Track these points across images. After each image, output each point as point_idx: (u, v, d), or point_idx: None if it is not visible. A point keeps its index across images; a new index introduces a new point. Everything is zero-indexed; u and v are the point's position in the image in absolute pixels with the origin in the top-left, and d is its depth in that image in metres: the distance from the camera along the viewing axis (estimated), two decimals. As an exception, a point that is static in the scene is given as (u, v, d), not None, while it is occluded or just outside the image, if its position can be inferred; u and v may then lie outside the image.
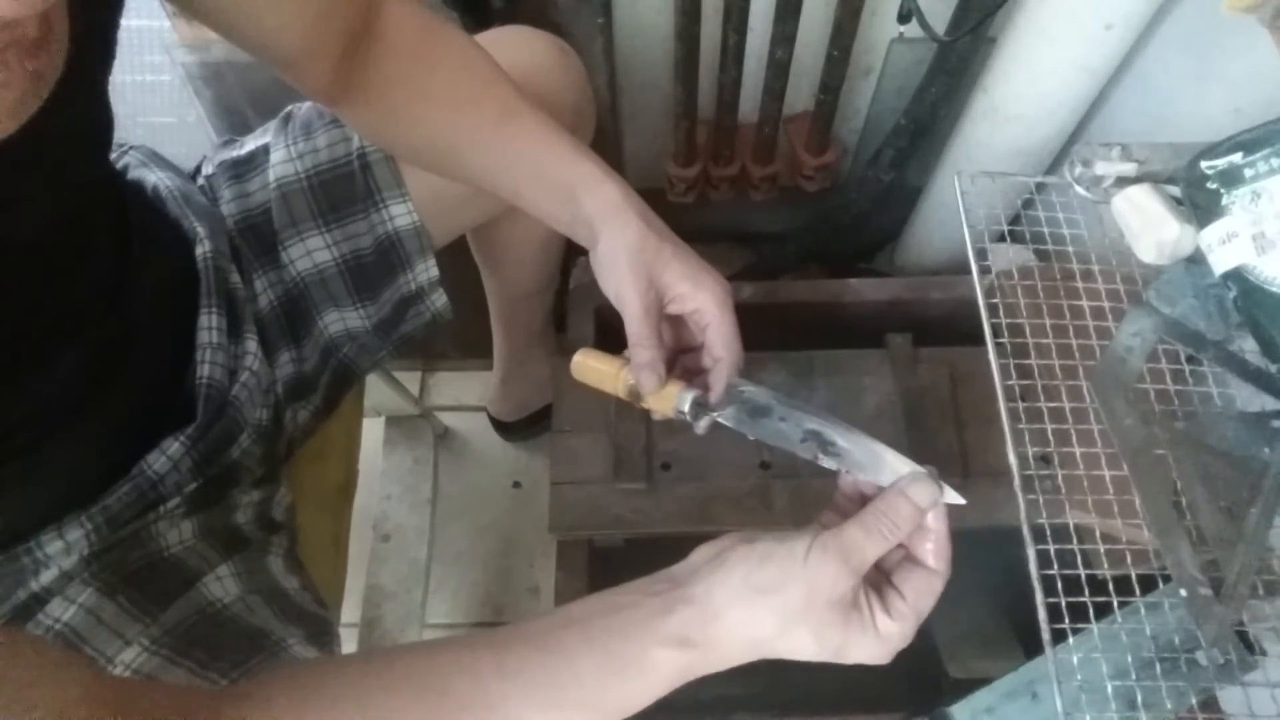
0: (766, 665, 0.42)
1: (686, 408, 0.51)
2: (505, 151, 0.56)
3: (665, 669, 0.40)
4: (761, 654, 0.41)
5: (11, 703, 0.31)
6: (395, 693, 0.41)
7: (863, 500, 0.45)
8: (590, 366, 0.55)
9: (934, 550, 0.43)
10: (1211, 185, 0.51)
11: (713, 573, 0.41)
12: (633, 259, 0.51)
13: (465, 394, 1.30)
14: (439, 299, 0.74)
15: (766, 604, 0.40)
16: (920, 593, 0.42)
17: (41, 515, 0.52)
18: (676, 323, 0.54)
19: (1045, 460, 0.56)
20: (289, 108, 0.70)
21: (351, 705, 0.40)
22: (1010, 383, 0.54)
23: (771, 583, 0.40)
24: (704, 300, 0.52)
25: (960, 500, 0.44)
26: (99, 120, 0.48)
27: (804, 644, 0.40)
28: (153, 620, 0.54)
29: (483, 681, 0.41)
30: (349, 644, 1.01)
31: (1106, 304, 0.58)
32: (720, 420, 0.52)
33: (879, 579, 0.43)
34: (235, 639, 0.55)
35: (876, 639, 0.40)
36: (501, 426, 1.23)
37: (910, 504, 0.42)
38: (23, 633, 0.36)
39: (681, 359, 0.55)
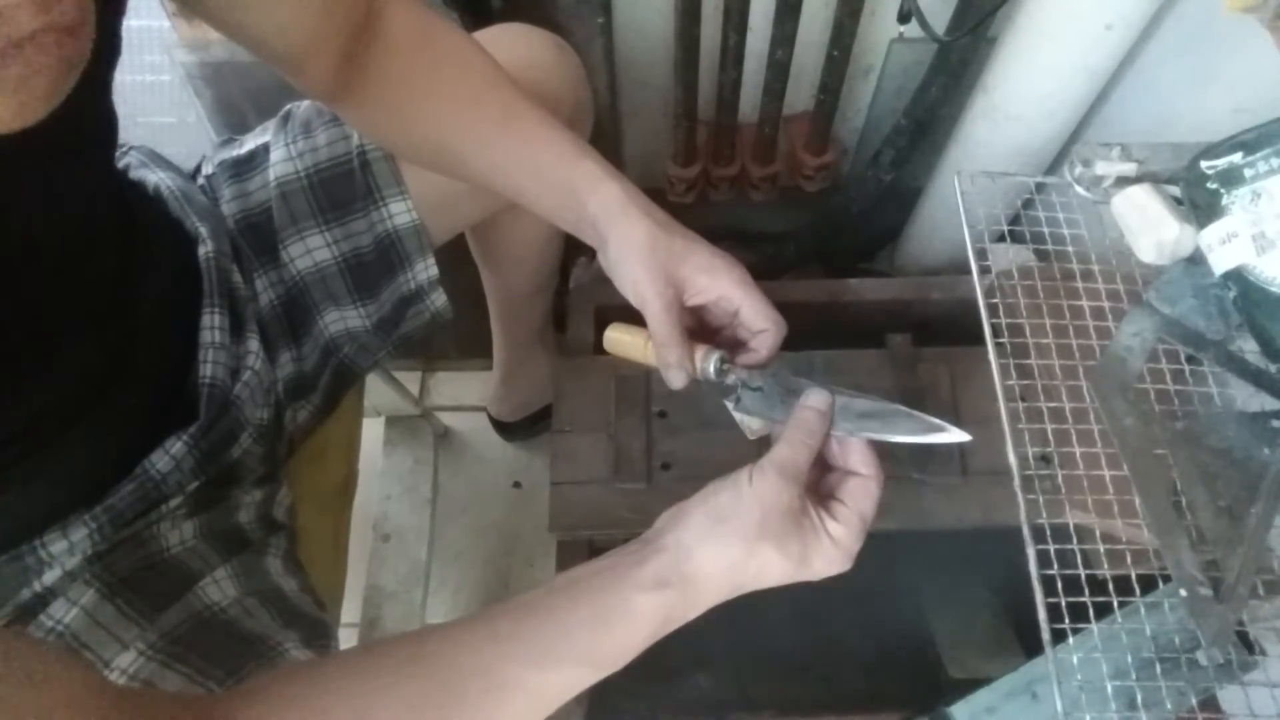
0: (768, 665, 0.43)
1: (713, 370, 0.52)
2: (506, 150, 0.56)
3: (648, 612, 0.43)
4: (737, 583, 0.45)
5: (13, 706, 0.31)
6: (394, 671, 0.42)
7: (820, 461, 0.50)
8: (624, 340, 0.56)
9: (860, 460, 0.48)
10: (1211, 185, 0.51)
11: (676, 523, 0.46)
12: (646, 259, 0.51)
13: (465, 394, 1.30)
14: (438, 298, 0.74)
15: (728, 529, 0.44)
16: (859, 496, 0.47)
17: (46, 515, 0.52)
18: (701, 310, 0.55)
19: (1045, 460, 0.56)
20: (288, 106, 0.70)
21: (354, 690, 0.41)
22: (1010, 383, 0.54)
23: (727, 510, 0.45)
24: (725, 287, 0.52)
25: (965, 436, 0.48)
26: (106, 120, 0.48)
27: (770, 559, 0.44)
28: (150, 624, 0.54)
29: (476, 649, 0.43)
30: (349, 644, 1.01)
31: (1106, 304, 0.58)
32: (745, 381, 0.52)
33: (825, 500, 0.47)
34: (231, 644, 0.55)
35: (831, 543, 0.45)
36: (501, 426, 1.23)
37: (811, 410, 0.48)
38: (24, 636, 0.36)
39: (715, 339, 0.55)
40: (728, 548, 0.44)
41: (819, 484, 0.49)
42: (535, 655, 0.43)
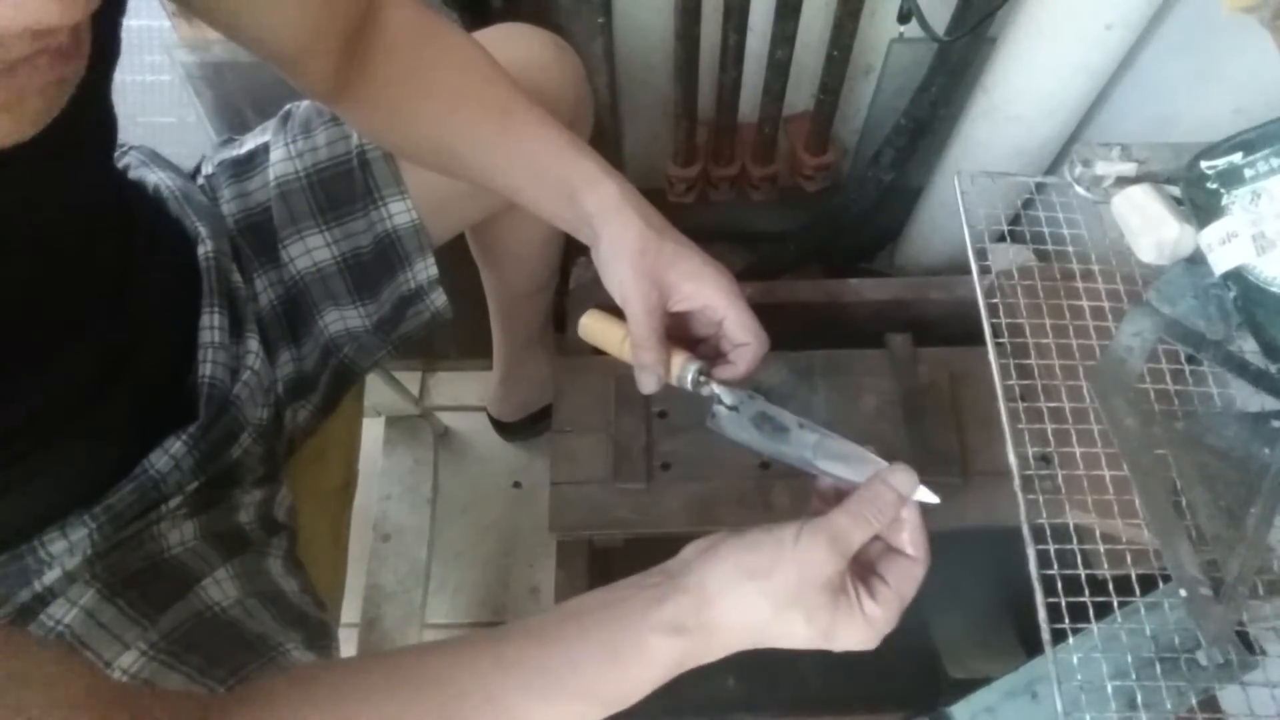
0: (768, 665, 0.43)
1: (689, 380, 0.52)
2: (505, 149, 0.56)
3: (661, 656, 0.41)
4: (756, 639, 0.42)
5: (13, 706, 0.31)
6: (395, 689, 0.41)
7: (838, 498, 0.47)
8: (597, 329, 0.56)
9: (910, 540, 0.45)
10: (1211, 185, 0.51)
11: (705, 563, 0.43)
12: (634, 261, 0.51)
13: (465, 394, 1.30)
14: (438, 298, 0.74)
15: (759, 587, 0.41)
16: (902, 578, 0.44)
17: (45, 515, 0.52)
18: (686, 316, 0.54)
19: (1045, 460, 0.56)
20: (288, 106, 0.70)
21: (352, 703, 0.41)
22: (1010, 383, 0.54)
23: (762, 567, 0.42)
24: (710, 296, 0.52)
25: (934, 499, 0.46)
26: (105, 122, 0.48)
27: (795, 627, 0.41)
28: (151, 624, 0.54)
29: (481, 674, 0.41)
30: (349, 644, 1.01)
31: (1106, 304, 0.58)
32: (720, 397, 0.52)
33: (862, 570, 0.44)
34: (232, 644, 0.55)
35: (864, 622, 0.42)
36: (501, 426, 1.23)
37: (893, 491, 0.44)
38: (24, 635, 0.36)
39: (699, 347, 0.55)
40: (754, 607, 0.41)
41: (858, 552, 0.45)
42: (542, 687, 0.41)
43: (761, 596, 0.41)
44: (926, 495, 0.45)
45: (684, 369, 0.52)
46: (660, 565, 0.45)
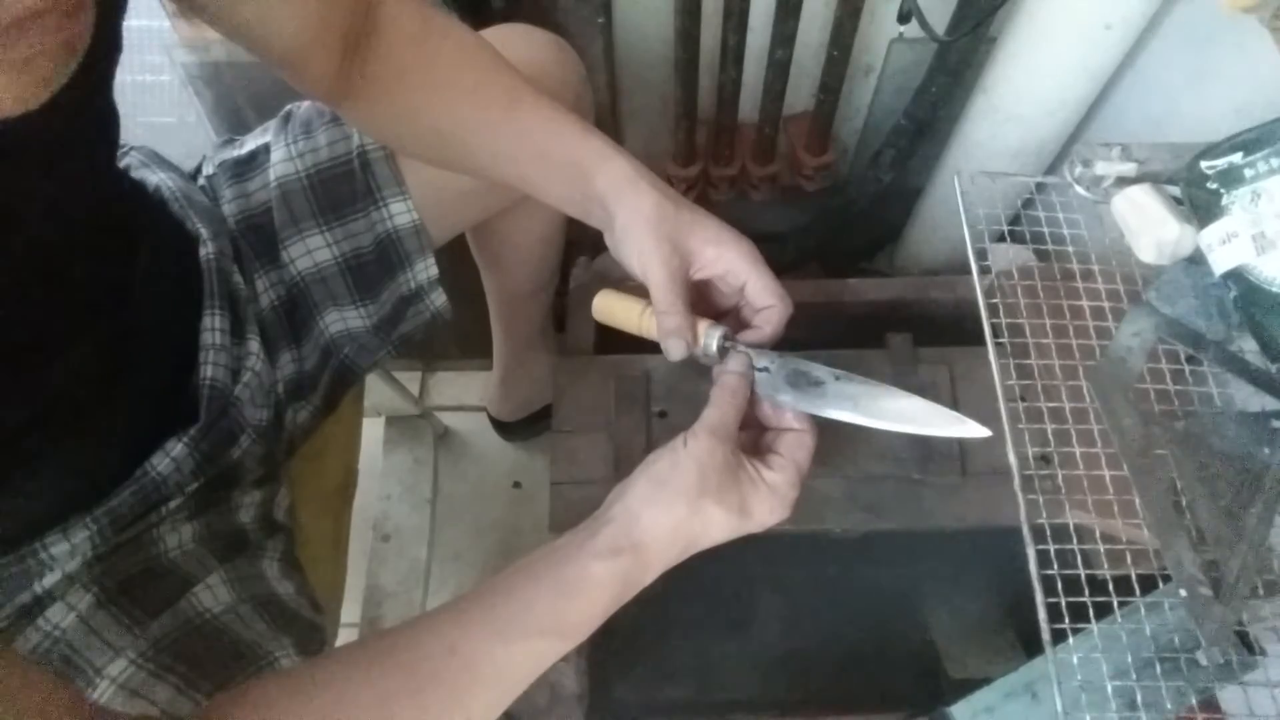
0: (768, 666, 0.43)
1: (714, 345, 0.53)
2: (511, 136, 0.56)
3: (605, 579, 0.45)
4: (686, 543, 0.47)
5: None
6: (363, 665, 0.43)
7: (760, 428, 0.53)
8: (614, 305, 0.56)
9: (793, 417, 0.52)
10: (1211, 185, 0.51)
11: (622, 493, 0.49)
12: (653, 228, 0.51)
13: (465, 394, 1.30)
14: (438, 298, 0.74)
15: (670, 491, 0.47)
16: (794, 447, 0.50)
17: (47, 517, 0.52)
18: (706, 286, 0.54)
19: (1045, 460, 0.56)
20: (289, 106, 0.70)
21: (326, 687, 0.42)
22: (1010, 383, 0.54)
23: (666, 474, 0.47)
24: (732, 260, 0.53)
25: (985, 432, 0.51)
26: (107, 118, 0.48)
27: (713, 513, 0.47)
28: (142, 631, 0.54)
29: (441, 632, 0.44)
30: (349, 644, 1.01)
31: (1106, 304, 0.58)
32: (752, 361, 0.53)
33: (761, 453, 0.50)
34: (222, 653, 0.55)
35: (769, 491, 0.48)
36: (501, 426, 1.23)
37: (731, 374, 0.51)
38: (12, 655, 0.36)
39: (722, 320, 0.55)
40: (672, 508, 0.46)
41: (757, 444, 0.52)
42: (500, 630, 0.44)
43: (675, 497, 0.46)
44: (977, 430, 0.51)
45: (708, 335, 0.52)
46: (589, 516, 0.49)
